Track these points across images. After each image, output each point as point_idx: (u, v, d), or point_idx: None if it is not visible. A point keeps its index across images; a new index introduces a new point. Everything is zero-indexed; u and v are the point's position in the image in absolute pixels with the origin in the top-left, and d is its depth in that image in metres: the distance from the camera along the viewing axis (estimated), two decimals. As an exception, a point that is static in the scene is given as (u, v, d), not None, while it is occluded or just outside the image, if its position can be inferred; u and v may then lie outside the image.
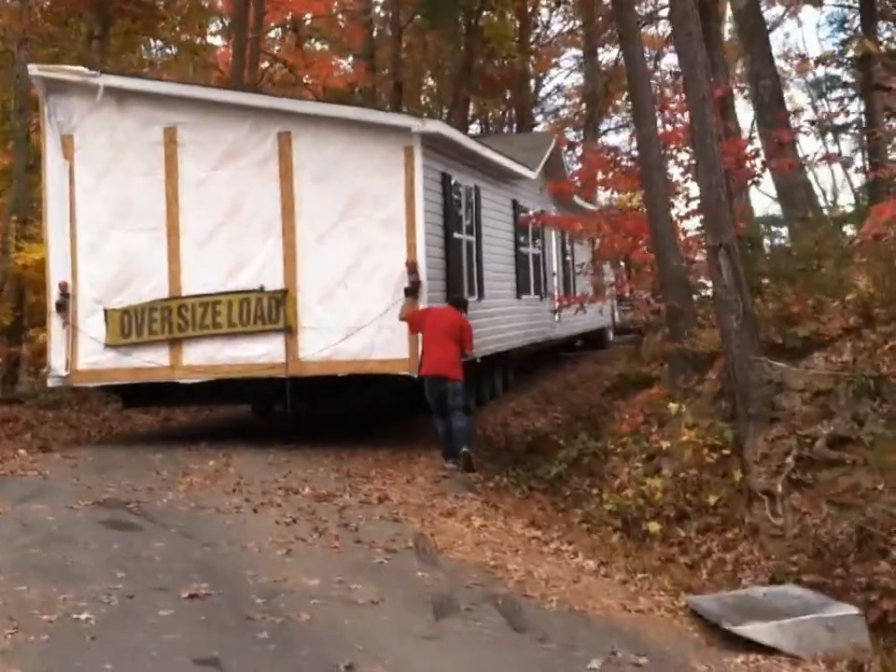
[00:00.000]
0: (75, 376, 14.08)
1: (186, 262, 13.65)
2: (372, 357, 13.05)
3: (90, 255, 13.92)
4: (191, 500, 10.30)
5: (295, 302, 13.33)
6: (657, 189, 11.50)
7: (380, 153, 13.11)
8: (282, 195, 13.37)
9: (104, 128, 13.87)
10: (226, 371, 13.56)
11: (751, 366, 9.70)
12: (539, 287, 20.61)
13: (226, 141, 13.57)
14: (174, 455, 12.95)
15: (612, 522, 10.30)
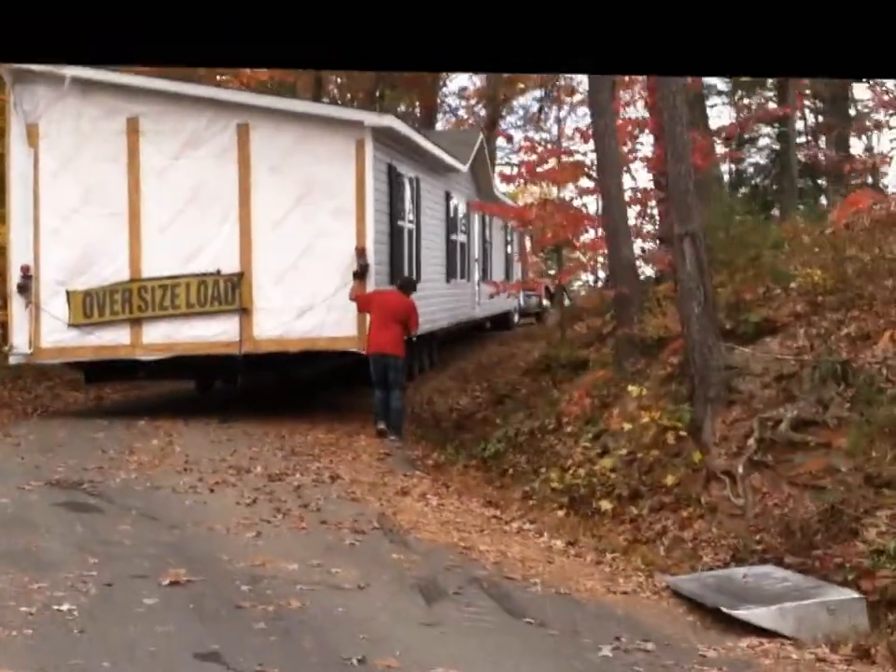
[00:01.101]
0: (38, 353, 13.88)
1: (146, 246, 13.47)
2: (323, 334, 13.09)
3: (53, 239, 13.62)
4: (145, 480, 9.61)
5: (250, 285, 13.26)
6: (611, 179, 11.06)
7: (333, 145, 13.13)
8: (239, 183, 13.25)
9: (69, 117, 13.58)
10: (184, 349, 13.47)
11: (711, 350, 9.33)
12: (465, 272, 20.86)
13: (186, 131, 13.42)
14: (115, 434, 12.31)
15: (558, 499, 9.88)
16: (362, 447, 12.05)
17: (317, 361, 13.94)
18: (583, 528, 9.16)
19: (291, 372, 14.91)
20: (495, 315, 24.57)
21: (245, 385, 15.06)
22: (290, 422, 13.29)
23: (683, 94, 9.93)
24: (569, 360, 13.57)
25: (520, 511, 9.28)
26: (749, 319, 10.03)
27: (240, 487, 9.38)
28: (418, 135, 16.08)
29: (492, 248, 23.95)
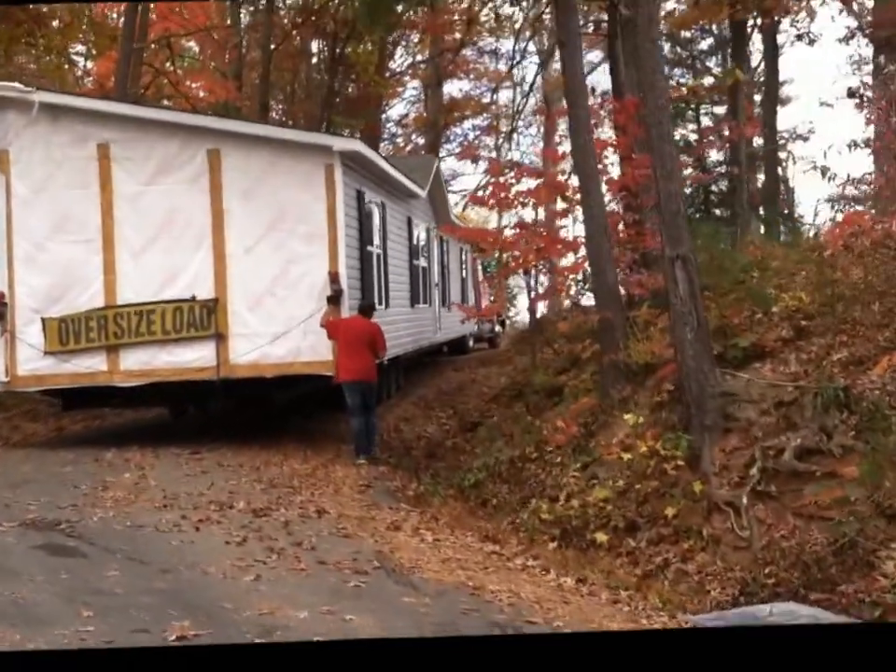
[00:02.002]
0: (15, 381, 13.57)
1: (121, 273, 13.25)
2: (298, 359, 12.96)
3: (27, 266, 13.40)
4: (124, 518, 8.89)
5: (225, 310, 13.06)
6: (594, 201, 10.64)
7: (303, 170, 12.96)
8: (212, 209, 13.05)
9: (39, 143, 13.29)
10: (161, 375, 13.23)
11: (706, 377, 8.94)
12: (427, 297, 20.65)
13: (157, 157, 13.20)
14: (84, 468, 11.56)
15: (549, 531, 9.39)
16: (340, 478, 11.51)
17: (293, 385, 13.63)
18: (581, 562, 8.68)
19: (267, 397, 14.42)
20: (452, 340, 24.40)
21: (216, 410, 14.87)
22: (264, 451, 12.78)
23: (670, 111, 9.57)
24: (543, 387, 13.12)
25: (521, 546, 8.76)
26: (737, 344, 9.67)
27: (225, 524, 8.73)
28: (383, 161, 15.91)
29: (449, 273, 23.93)
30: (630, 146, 12.43)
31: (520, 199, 12.94)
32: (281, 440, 13.75)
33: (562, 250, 12.10)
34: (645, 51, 9.60)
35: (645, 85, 9.54)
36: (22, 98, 13.09)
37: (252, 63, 36.61)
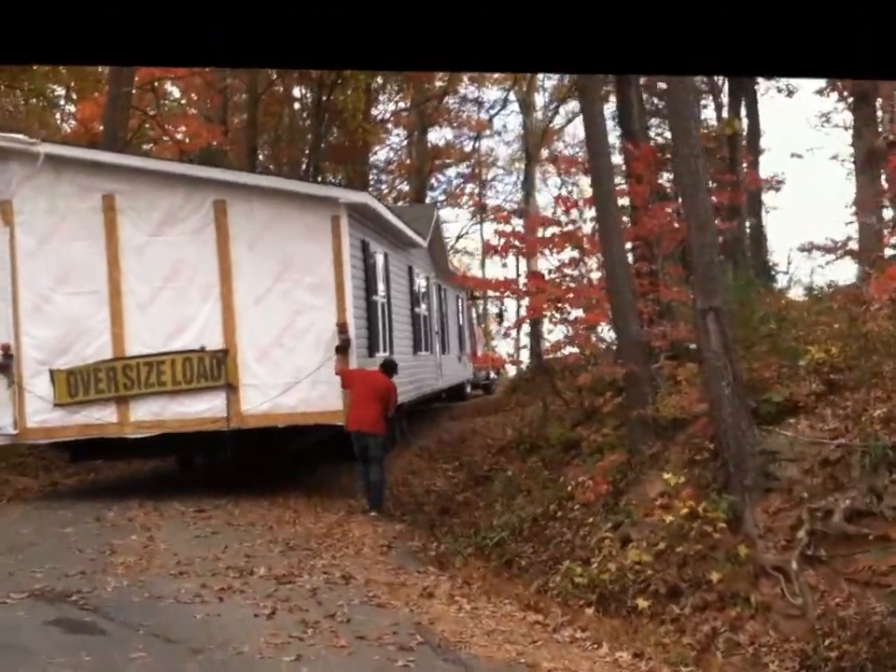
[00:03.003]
0: (24, 434, 13.35)
1: (129, 324, 13.05)
2: (309, 409, 12.80)
3: (32, 317, 13.21)
4: (139, 587, 8.33)
5: (235, 361, 12.93)
6: (615, 252, 10.28)
7: (309, 221, 12.87)
8: (219, 260, 12.93)
9: (43, 194, 13.12)
10: (172, 426, 13.03)
11: (744, 434, 8.55)
12: (428, 344, 20.52)
13: (163, 208, 13.03)
14: (86, 528, 10.96)
15: (585, 595, 8.89)
16: (358, 538, 10.95)
17: (304, 435, 13.53)
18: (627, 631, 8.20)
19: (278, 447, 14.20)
20: (452, 386, 24.20)
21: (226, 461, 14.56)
22: (273, 508, 12.29)
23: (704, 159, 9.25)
24: (559, 440, 12.68)
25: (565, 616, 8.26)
26: (770, 399, 9.28)
27: (249, 593, 8.19)
28: (388, 212, 15.77)
29: (448, 321, 23.84)
30: (645, 194, 12.12)
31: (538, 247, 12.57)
32: (289, 494, 13.27)
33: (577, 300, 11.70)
34: (677, 98, 9.32)
35: (677, 132, 9.23)
36: (26, 149, 12.97)
37: (236, 106, 36.37)
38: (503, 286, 12.97)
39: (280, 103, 35.62)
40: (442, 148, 43.58)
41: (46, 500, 13.60)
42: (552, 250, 12.29)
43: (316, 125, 33.48)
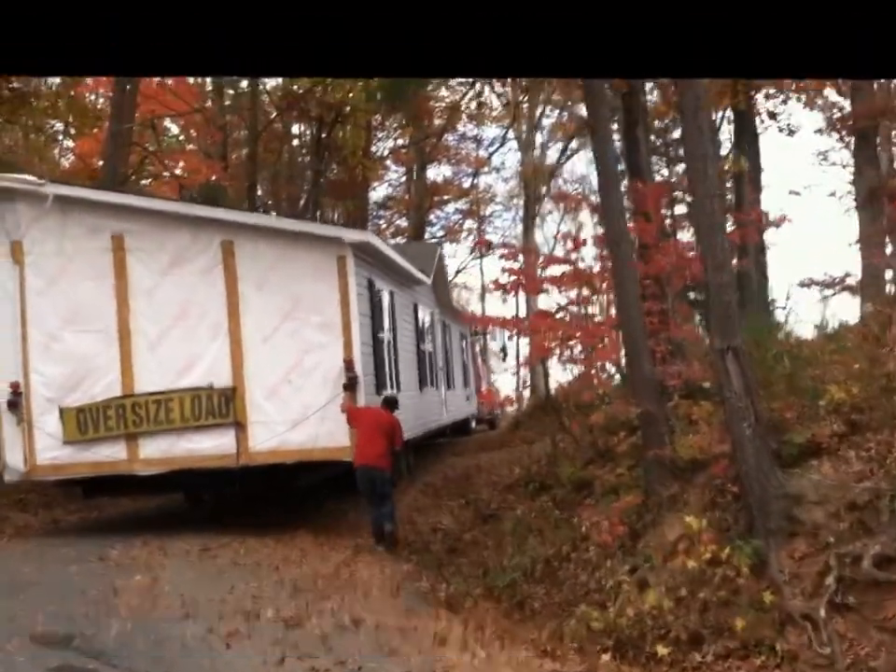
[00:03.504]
0: (34, 471, 13.32)
1: (138, 362, 13.08)
2: (317, 445, 12.81)
3: (42, 356, 13.21)
4: (144, 630, 8.02)
5: (243, 398, 12.95)
6: (629, 291, 10.09)
7: (315, 261, 12.96)
8: (227, 299, 13.00)
9: (52, 234, 13.14)
10: (182, 463, 13.01)
11: (767, 476, 8.30)
12: (433, 380, 20.59)
13: (171, 248, 13.09)
14: (89, 568, 10.62)
15: (601, 641, 8.58)
16: (366, 579, 10.63)
17: (312, 472, 13.66)
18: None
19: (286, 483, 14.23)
20: (457, 421, 24.18)
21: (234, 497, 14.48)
22: (279, 547, 11.98)
23: (720, 200, 9.08)
24: (571, 480, 12.41)
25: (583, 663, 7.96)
26: (792, 440, 9.04)
27: (257, 639, 7.88)
28: (392, 251, 15.98)
29: (452, 357, 23.92)
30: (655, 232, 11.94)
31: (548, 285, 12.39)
32: (295, 532, 13.00)
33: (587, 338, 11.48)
34: (693, 138, 9.16)
35: (693, 173, 9.09)
36: (34, 190, 13.01)
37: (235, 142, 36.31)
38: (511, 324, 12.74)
39: (279, 139, 35.58)
40: (441, 185, 43.59)
41: (47, 537, 13.30)
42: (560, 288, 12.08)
43: (316, 162, 33.42)
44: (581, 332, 11.35)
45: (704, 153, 8.97)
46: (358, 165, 33.52)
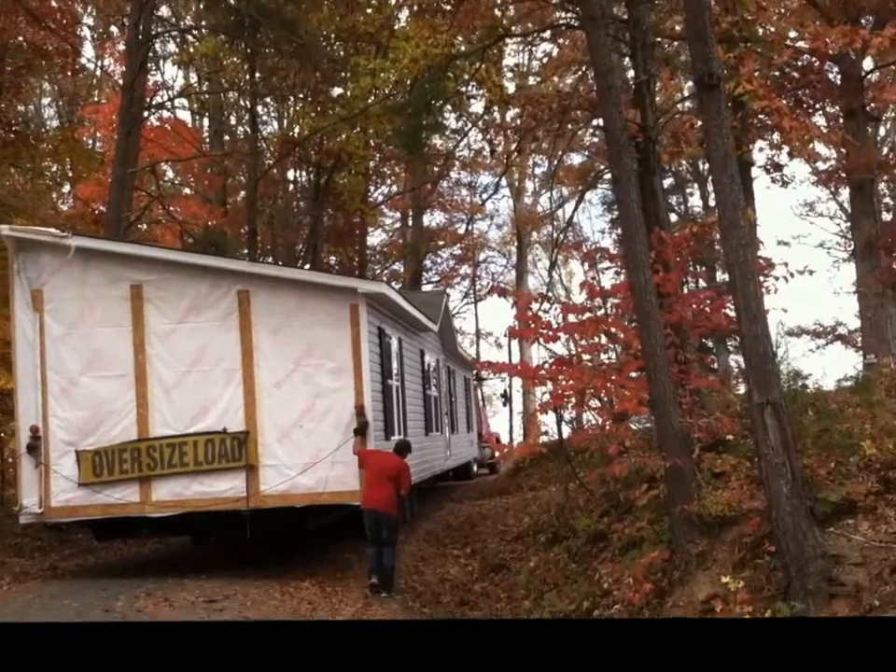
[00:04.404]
0: (49, 512, 13.34)
1: (153, 407, 13.19)
2: (327, 489, 12.94)
3: (61, 400, 13.32)
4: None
5: (255, 442, 13.05)
6: (655, 340, 9.74)
7: (328, 310, 13.14)
8: (242, 346, 13.16)
9: (72, 284, 13.39)
10: (193, 505, 13.11)
11: (805, 536, 7.91)
12: (438, 425, 20.61)
13: (189, 297, 13.31)
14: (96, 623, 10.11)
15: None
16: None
17: (321, 515, 13.67)
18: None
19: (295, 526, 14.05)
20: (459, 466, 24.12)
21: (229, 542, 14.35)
22: (286, 598, 11.55)
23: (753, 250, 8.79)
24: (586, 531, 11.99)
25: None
26: (827, 498, 8.66)
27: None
28: (403, 300, 16.07)
29: (456, 402, 24.09)
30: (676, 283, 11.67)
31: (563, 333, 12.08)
32: (301, 582, 12.52)
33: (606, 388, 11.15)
34: (723, 187, 8.87)
35: (724, 222, 8.77)
36: (57, 242, 13.27)
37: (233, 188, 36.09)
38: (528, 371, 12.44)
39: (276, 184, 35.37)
40: (435, 231, 43.46)
41: (46, 585, 12.75)
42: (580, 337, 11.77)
43: (315, 208, 33.17)
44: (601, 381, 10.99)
45: (735, 202, 8.69)
46: (357, 211, 33.31)
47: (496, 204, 59.64)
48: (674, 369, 10.98)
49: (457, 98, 22.60)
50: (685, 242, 11.64)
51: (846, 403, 11.10)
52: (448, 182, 41.82)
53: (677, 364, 11.43)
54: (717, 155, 9.02)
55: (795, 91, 18.19)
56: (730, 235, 8.71)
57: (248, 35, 25.86)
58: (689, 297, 11.79)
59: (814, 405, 10.94)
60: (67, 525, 14.40)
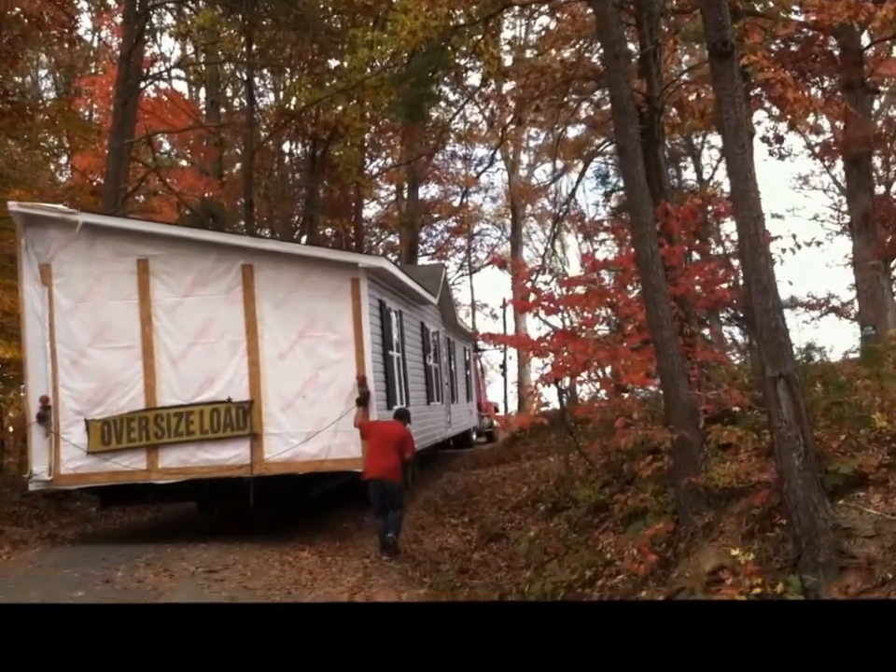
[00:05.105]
0: (58, 479, 13.57)
1: (160, 378, 13.41)
2: (330, 457, 13.13)
3: (70, 371, 13.56)
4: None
5: (260, 412, 13.25)
6: (662, 313, 9.47)
7: (330, 283, 13.31)
8: (246, 319, 13.35)
9: (80, 259, 13.56)
10: (198, 473, 13.33)
11: (816, 508, 7.69)
12: (439, 395, 20.85)
13: (194, 271, 13.47)
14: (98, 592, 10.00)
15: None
16: (390, 602, 10.05)
17: (323, 482, 13.88)
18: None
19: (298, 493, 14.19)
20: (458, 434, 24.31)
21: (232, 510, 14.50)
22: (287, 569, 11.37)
23: (763, 221, 8.49)
24: (587, 502, 11.78)
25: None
26: (838, 471, 8.44)
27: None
28: (403, 274, 16.26)
29: (456, 372, 24.34)
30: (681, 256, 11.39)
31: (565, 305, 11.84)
32: (300, 551, 12.44)
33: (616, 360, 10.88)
34: (735, 157, 8.57)
35: (736, 193, 8.47)
36: (64, 218, 13.48)
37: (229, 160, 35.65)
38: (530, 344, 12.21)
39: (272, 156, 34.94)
40: (430, 203, 43.11)
41: (47, 555, 12.56)
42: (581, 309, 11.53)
43: (311, 180, 32.77)
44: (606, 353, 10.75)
45: (746, 172, 8.39)
46: (353, 183, 32.93)
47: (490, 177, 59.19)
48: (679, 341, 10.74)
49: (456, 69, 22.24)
50: (692, 214, 11.34)
51: (854, 375, 10.86)
52: (443, 155, 41.43)
53: (682, 337, 11.18)
54: (729, 124, 8.70)
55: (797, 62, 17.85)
56: (741, 206, 8.42)
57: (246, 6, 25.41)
58: (694, 269, 11.51)
59: (821, 378, 10.70)
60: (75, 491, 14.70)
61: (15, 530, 14.68)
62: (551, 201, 42.92)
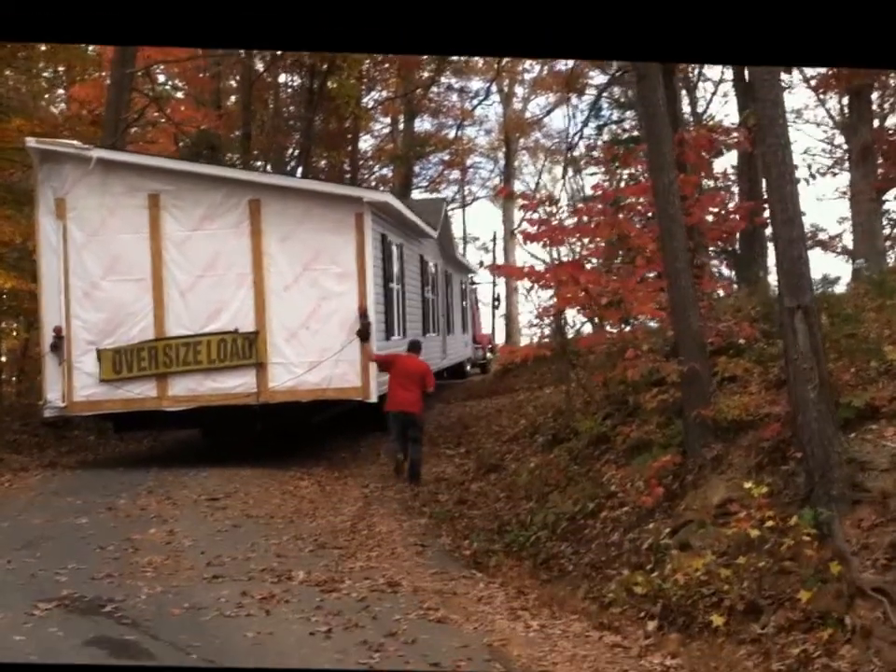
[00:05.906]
0: (72, 406, 13.70)
1: (169, 309, 13.51)
2: (331, 386, 13.28)
3: (83, 302, 13.64)
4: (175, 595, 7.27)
5: (265, 342, 13.38)
6: (677, 243, 9.14)
7: (335, 217, 13.35)
8: (253, 252, 13.40)
9: (94, 193, 13.59)
10: (206, 400, 13.47)
11: (831, 442, 7.47)
12: (435, 326, 20.96)
13: (203, 205, 13.53)
14: (101, 520, 9.93)
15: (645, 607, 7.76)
16: (386, 534, 9.84)
17: (325, 410, 14.13)
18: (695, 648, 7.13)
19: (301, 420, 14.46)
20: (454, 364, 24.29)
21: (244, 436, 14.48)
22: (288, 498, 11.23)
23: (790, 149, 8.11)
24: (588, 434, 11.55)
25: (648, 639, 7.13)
26: (850, 403, 8.19)
27: (295, 604, 7.05)
28: (405, 209, 16.15)
29: (453, 304, 24.48)
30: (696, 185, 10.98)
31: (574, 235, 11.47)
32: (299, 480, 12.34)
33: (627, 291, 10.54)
34: (761, 83, 8.17)
35: (764, 120, 8.08)
36: (79, 153, 13.50)
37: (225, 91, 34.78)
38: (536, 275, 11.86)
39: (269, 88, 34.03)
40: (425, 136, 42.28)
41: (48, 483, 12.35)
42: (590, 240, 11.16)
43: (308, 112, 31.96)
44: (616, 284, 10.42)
45: (774, 98, 8.00)
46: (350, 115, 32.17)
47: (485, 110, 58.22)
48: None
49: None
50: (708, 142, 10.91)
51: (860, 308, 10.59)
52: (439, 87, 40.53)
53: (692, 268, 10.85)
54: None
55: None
56: (768, 134, 8.03)
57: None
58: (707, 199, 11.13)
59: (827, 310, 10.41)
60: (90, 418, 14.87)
61: (15, 458, 14.50)
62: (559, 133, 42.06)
